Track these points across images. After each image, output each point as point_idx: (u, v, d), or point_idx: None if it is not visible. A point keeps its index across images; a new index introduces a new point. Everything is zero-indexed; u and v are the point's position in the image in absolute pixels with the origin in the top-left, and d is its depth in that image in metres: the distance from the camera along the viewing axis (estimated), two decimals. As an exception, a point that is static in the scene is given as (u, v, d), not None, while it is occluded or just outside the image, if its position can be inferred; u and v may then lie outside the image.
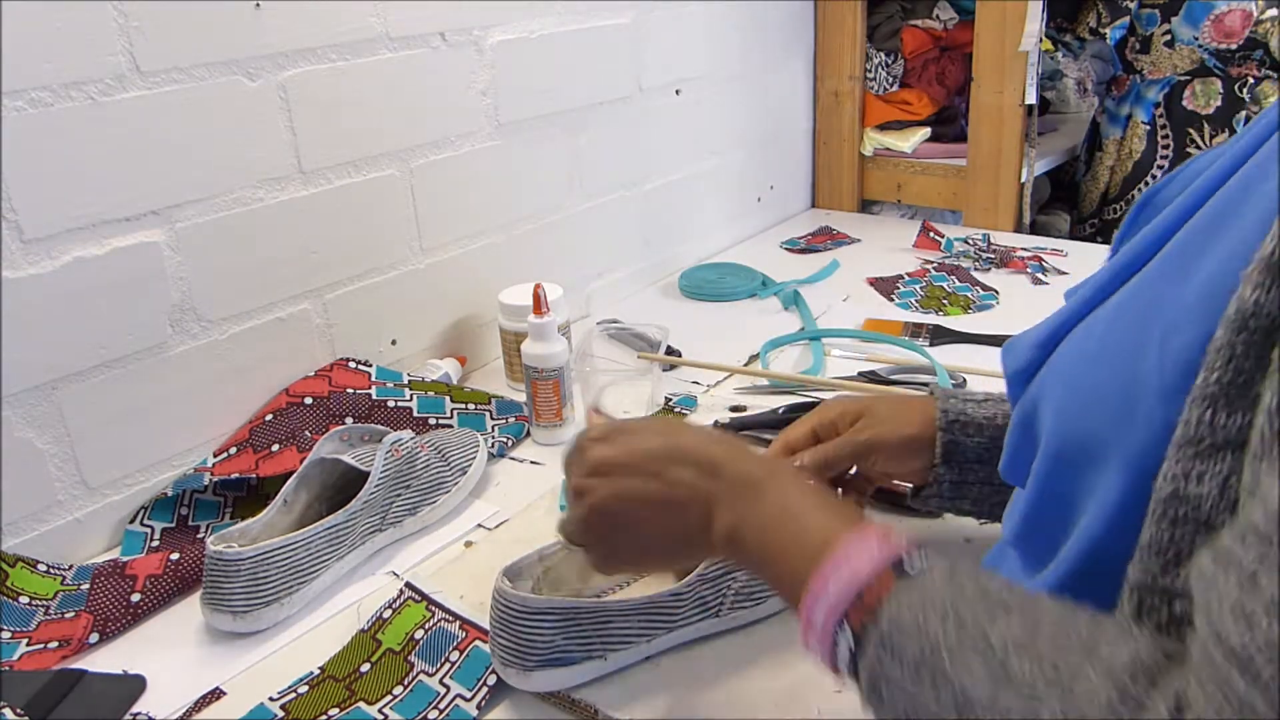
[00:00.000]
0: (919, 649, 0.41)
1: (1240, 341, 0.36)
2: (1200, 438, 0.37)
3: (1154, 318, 0.41)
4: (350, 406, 1.01)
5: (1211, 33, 1.67)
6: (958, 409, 0.74)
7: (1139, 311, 0.43)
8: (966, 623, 0.40)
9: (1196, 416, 0.37)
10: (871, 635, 0.43)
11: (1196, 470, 0.37)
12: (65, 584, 0.82)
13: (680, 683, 0.68)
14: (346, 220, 1.05)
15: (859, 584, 0.44)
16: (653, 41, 1.40)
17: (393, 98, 1.06)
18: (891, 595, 0.43)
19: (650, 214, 1.48)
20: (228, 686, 0.72)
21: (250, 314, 0.98)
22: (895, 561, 0.44)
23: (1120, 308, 0.45)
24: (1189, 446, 0.38)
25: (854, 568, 0.45)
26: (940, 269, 1.47)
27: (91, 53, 0.81)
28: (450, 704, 0.68)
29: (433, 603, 0.75)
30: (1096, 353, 0.45)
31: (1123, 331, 0.43)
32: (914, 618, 0.41)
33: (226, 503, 0.93)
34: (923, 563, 0.44)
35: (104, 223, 0.85)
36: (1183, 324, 0.39)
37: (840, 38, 1.75)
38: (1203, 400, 0.37)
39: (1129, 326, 0.43)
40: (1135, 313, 0.43)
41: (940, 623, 0.40)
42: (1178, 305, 0.40)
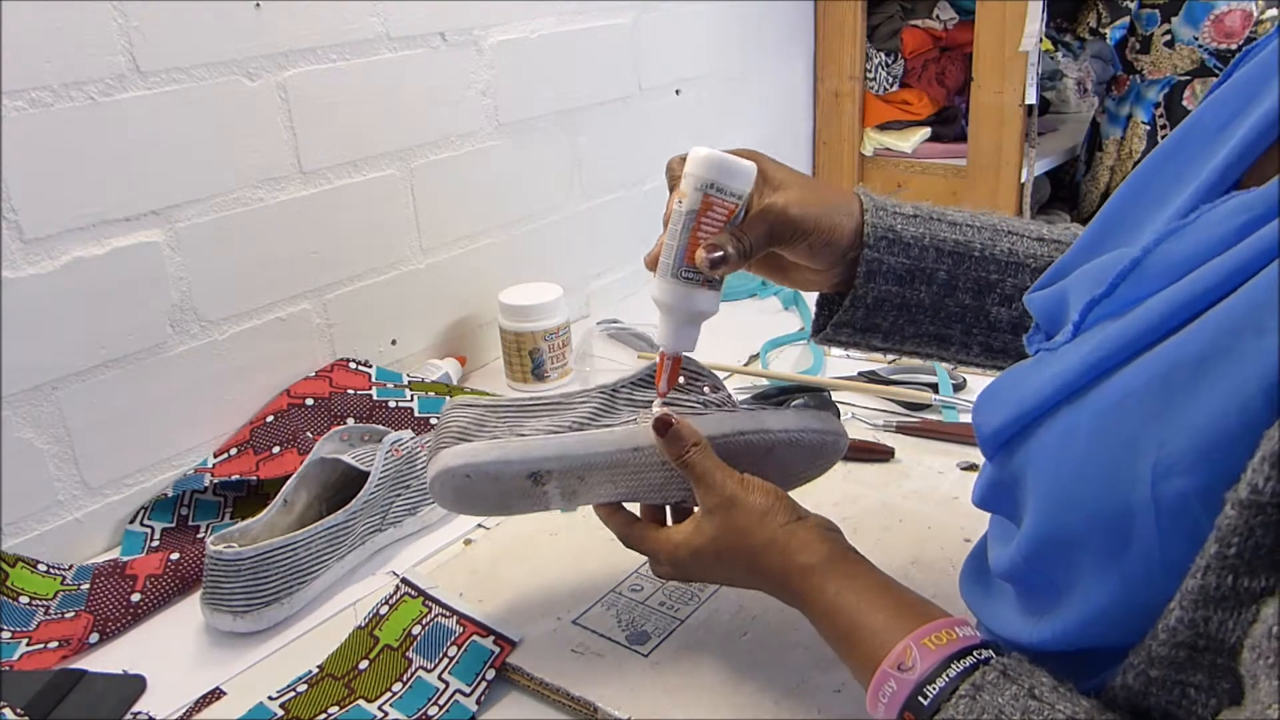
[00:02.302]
0: None
1: (1258, 524, 0.37)
2: (1223, 598, 0.39)
3: (1142, 447, 0.42)
4: (351, 407, 1.01)
5: (1211, 33, 1.67)
6: (886, 224, 0.67)
7: (1125, 433, 0.43)
8: None
9: (1216, 581, 0.39)
10: None
11: (1218, 619, 0.39)
12: (65, 584, 0.82)
13: (680, 682, 0.68)
14: (346, 220, 1.05)
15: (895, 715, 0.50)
16: (653, 41, 1.40)
17: (393, 98, 1.06)
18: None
19: (650, 214, 1.48)
20: (228, 686, 0.72)
21: (250, 314, 0.98)
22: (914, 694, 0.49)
23: (1104, 419, 0.45)
24: (1208, 604, 0.39)
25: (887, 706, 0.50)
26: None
27: (91, 53, 0.82)
28: (450, 699, 0.68)
29: (429, 598, 0.75)
30: (1082, 466, 0.46)
31: (1109, 452, 0.44)
32: None
33: (226, 503, 0.93)
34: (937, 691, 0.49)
35: (104, 223, 0.85)
36: (1177, 469, 0.40)
37: (840, 38, 1.75)
38: (1221, 569, 0.38)
39: (1115, 448, 0.44)
40: (1121, 432, 0.44)
41: None
42: (1169, 444, 0.41)
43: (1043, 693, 0.46)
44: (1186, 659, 0.41)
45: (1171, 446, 0.41)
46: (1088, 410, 0.46)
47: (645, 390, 0.69)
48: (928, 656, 0.50)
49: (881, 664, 0.51)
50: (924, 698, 0.49)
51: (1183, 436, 0.40)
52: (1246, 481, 0.37)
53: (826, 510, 0.65)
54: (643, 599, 0.77)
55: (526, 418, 0.66)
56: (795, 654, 0.69)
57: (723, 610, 0.75)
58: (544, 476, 0.65)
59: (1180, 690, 0.42)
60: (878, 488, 0.90)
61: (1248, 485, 0.37)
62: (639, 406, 0.68)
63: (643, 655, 0.71)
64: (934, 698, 0.48)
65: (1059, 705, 0.45)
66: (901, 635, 0.52)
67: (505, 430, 0.65)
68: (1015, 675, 0.48)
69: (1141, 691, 0.44)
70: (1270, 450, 0.37)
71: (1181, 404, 0.41)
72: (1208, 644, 0.40)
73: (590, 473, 0.66)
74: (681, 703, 0.66)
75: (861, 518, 0.85)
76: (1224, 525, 0.38)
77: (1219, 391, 0.39)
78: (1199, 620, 0.40)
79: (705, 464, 0.64)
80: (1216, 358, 0.40)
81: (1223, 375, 0.40)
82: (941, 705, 0.48)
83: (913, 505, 0.87)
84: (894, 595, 0.57)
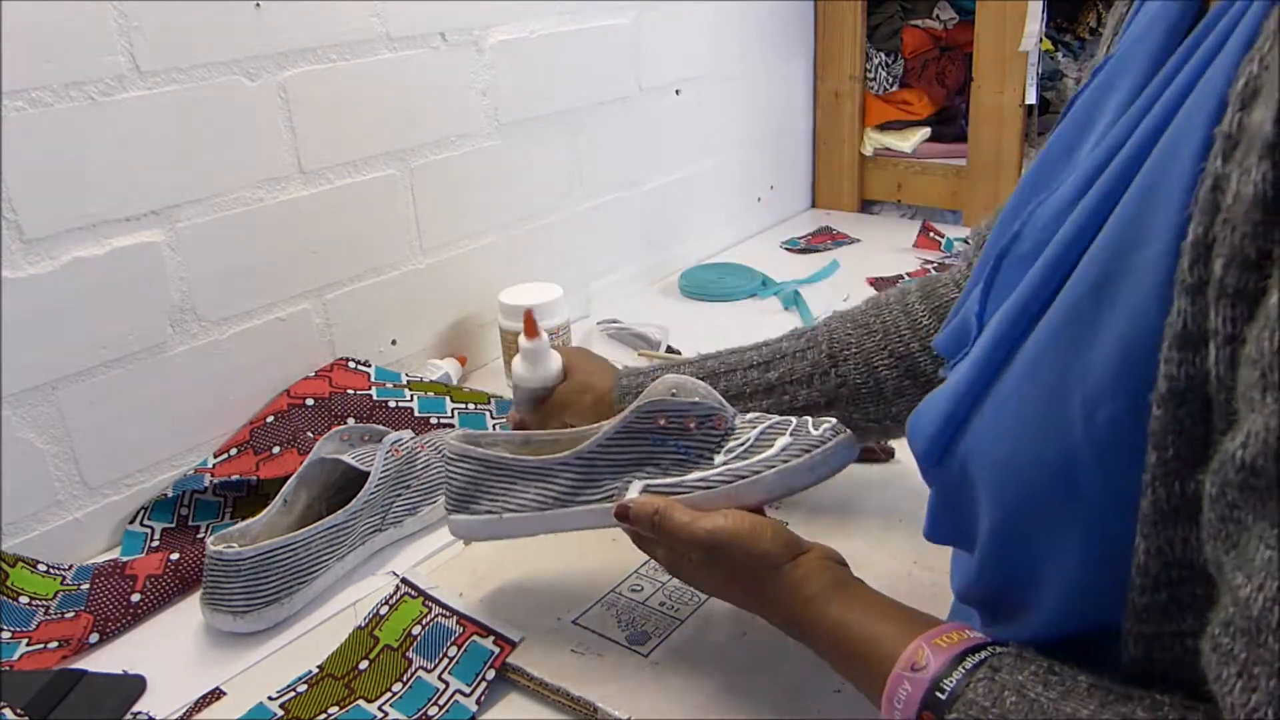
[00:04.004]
0: None
1: (1183, 415, 0.38)
2: (1176, 509, 0.39)
3: (1068, 389, 0.43)
4: (351, 407, 1.01)
5: (1211, 32, 1.67)
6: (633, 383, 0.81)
7: (1048, 383, 0.44)
8: None
9: (1165, 493, 0.39)
10: None
11: (1180, 536, 0.39)
12: (65, 584, 0.82)
13: (680, 682, 0.68)
14: (346, 220, 1.05)
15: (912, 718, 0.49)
16: (653, 41, 1.40)
17: (393, 98, 1.06)
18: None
19: (650, 214, 1.48)
20: (228, 686, 0.72)
21: (250, 314, 0.98)
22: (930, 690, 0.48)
23: (1025, 379, 0.46)
24: (1165, 521, 0.39)
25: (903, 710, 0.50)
26: (940, 269, 1.47)
27: (91, 53, 0.82)
28: (450, 700, 0.68)
29: (429, 598, 0.75)
30: (1017, 430, 0.46)
31: (1037, 405, 0.45)
32: None
33: (226, 503, 0.93)
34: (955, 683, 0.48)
35: (104, 223, 0.85)
36: (1103, 396, 0.41)
37: (840, 38, 1.75)
38: (1165, 477, 0.39)
39: (1042, 399, 0.44)
40: (1044, 384, 0.44)
41: None
42: (1090, 375, 0.42)
43: (1061, 669, 0.46)
44: (1169, 602, 0.41)
45: (1093, 377, 0.41)
46: (1009, 382, 0.47)
47: (623, 447, 0.69)
48: (940, 654, 0.49)
49: (894, 668, 0.50)
50: (941, 693, 0.48)
51: (1099, 364, 0.41)
52: (1162, 375, 0.38)
53: (827, 510, 0.65)
54: (643, 599, 0.77)
55: (516, 481, 0.71)
56: (795, 654, 0.69)
57: (723, 610, 0.75)
58: None
59: (1179, 645, 0.42)
60: (878, 488, 0.90)
61: (1164, 378, 0.38)
62: (618, 469, 0.69)
63: (643, 655, 0.71)
64: (951, 691, 0.47)
65: (1080, 676, 0.45)
66: (911, 640, 0.51)
67: (499, 495, 0.72)
68: (1031, 657, 0.47)
69: (1145, 658, 0.43)
70: (1173, 336, 0.37)
71: (1090, 336, 0.42)
72: (1181, 573, 0.40)
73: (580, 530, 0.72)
74: (681, 703, 0.66)
75: (861, 518, 0.85)
76: (1155, 428, 0.38)
77: (1121, 310, 0.41)
78: (1164, 545, 0.40)
79: (676, 522, 0.64)
80: (1109, 282, 0.42)
81: (1119, 294, 0.41)
82: (961, 692, 0.47)
83: (913, 505, 0.86)
84: (899, 610, 0.56)
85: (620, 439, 0.69)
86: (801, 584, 0.60)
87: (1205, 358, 0.37)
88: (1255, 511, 0.33)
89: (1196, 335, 0.37)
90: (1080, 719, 0.42)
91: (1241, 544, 0.34)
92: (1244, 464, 0.33)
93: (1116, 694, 0.43)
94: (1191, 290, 0.37)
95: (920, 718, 0.48)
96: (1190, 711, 0.41)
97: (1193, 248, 0.37)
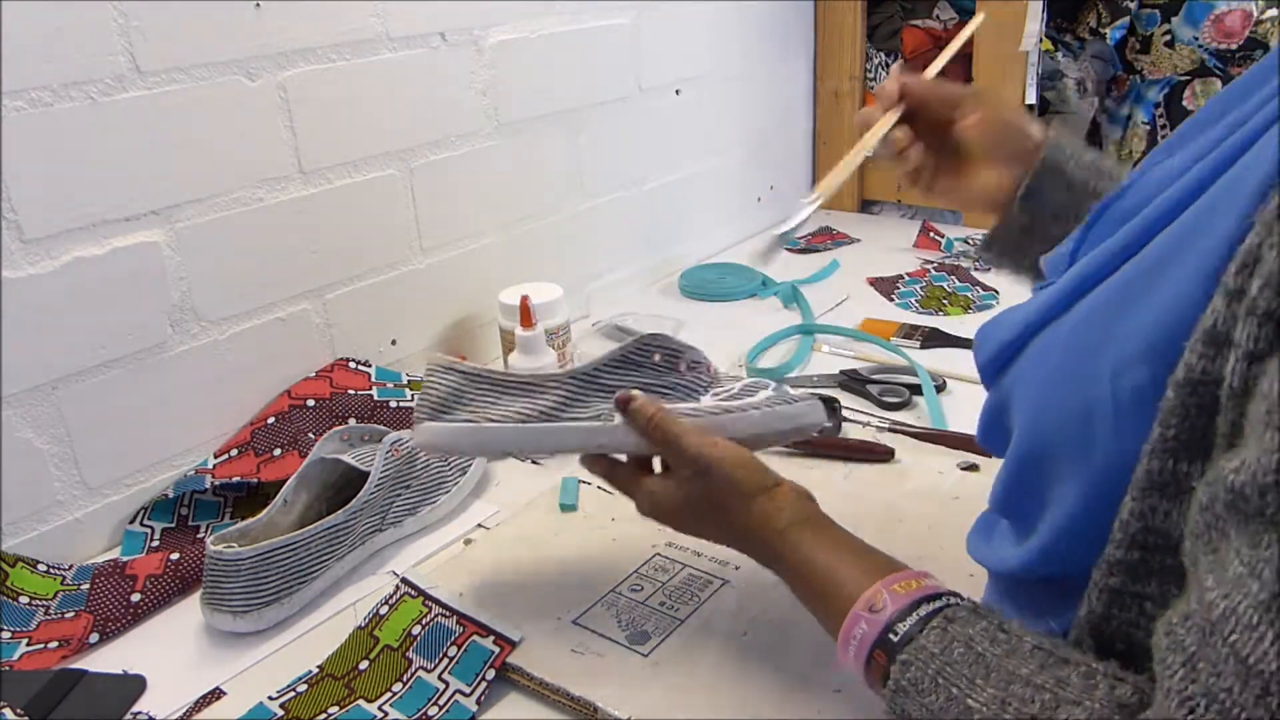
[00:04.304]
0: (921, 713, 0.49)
1: (1192, 404, 0.40)
2: (1165, 483, 0.42)
3: (1103, 350, 0.45)
4: (353, 408, 1.01)
5: (1211, 33, 1.67)
6: (1056, 159, 0.73)
7: (1090, 340, 0.47)
8: (953, 692, 0.47)
9: (1159, 466, 0.41)
10: (885, 696, 0.52)
11: (1163, 509, 0.42)
12: (65, 584, 0.82)
13: (680, 682, 0.68)
14: (346, 220, 1.05)
15: (862, 661, 0.53)
16: (653, 41, 1.40)
17: (393, 98, 1.06)
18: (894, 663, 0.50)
19: (650, 214, 1.48)
20: (228, 686, 0.72)
21: (250, 314, 0.98)
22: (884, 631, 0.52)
23: (1074, 331, 0.49)
24: (1153, 491, 0.42)
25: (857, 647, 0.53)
26: (940, 269, 1.47)
27: (91, 53, 0.82)
28: (450, 700, 0.68)
29: (429, 598, 0.75)
30: (1054, 374, 0.49)
31: (1076, 357, 0.47)
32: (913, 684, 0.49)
33: (226, 503, 0.93)
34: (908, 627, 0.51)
35: (104, 223, 0.85)
36: (1131, 364, 0.43)
37: (840, 38, 1.75)
38: (1163, 453, 0.41)
39: (1081, 353, 0.47)
40: (1087, 340, 0.47)
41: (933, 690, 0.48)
42: (1125, 342, 0.44)
43: (1010, 627, 0.49)
44: (1140, 562, 0.43)
45: (1127, 345, 0.44)
46: (1064, 326, 0.50)
47: (615, 374, 0.70)
48: (897, 600, 0.52)
49: (853, 608, 0.54)
50: (894, 635, 0.51)
51: (1136, 335, 0.43)
52: (1183, 362, 0.40)
53: (827, 509, 0.65)
54: (643, 599, 0.77)
55: (502, 395, 0.69)
56: (795, 654, 0.69)
57: (723, 610, 0.75)
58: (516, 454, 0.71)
59: (1138, 605, 0.44)
60: (878, 488, 0.90)
61: (1184, 365, 0.40)
62: (609, 392, 0.69)
63: (643, 655, 0.71)
64: (903, 634, 0.51)
65: (1025, 637, 0.48)
66: (871, 583, 0.54)
67: (480, 408, 0.68)
68: (984, 614, 0.50)
69: (1104, 614, 0.46)
70: (1203, 330, 0.39)
71: (1136, 308, 0.44)
72: (1156, 540, 0.42)
73: (560, 451, 0.71)
74: (681, 703, 0.66)
75: (861, 518, 0.85)
76: (1164, 408, 0.41)
77: (1167, 287, 0.43)
78: (1146, 511, 0.42)
79: (672, 429, 0.66)
80: (1168, 260, 0.44)
81: (1171, 275, 0.43)
82: (914, 636, 0.50)
83: (913, 505, 0.87)
84: (865, 553, 0.60)
85: (615, 366, 0.70)
86: (774, 516, 0.62)
87: (1225, 362, 0.38)
88: (1237, 529, 0.36)
89: (1222, 337, 0.38)
90: (1019, 675, 0.45)
91: (1220, 551, 0.36)
92: (1234, 488, 0.36)
93: (1056, 658, 0.46)
94: (1230, 294, 0.38)
95: (872, 655, 0.52)
96: (1120, 683, 0.43)
97: (1244, 254, 0.38)
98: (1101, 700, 0.43)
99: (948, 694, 0.47)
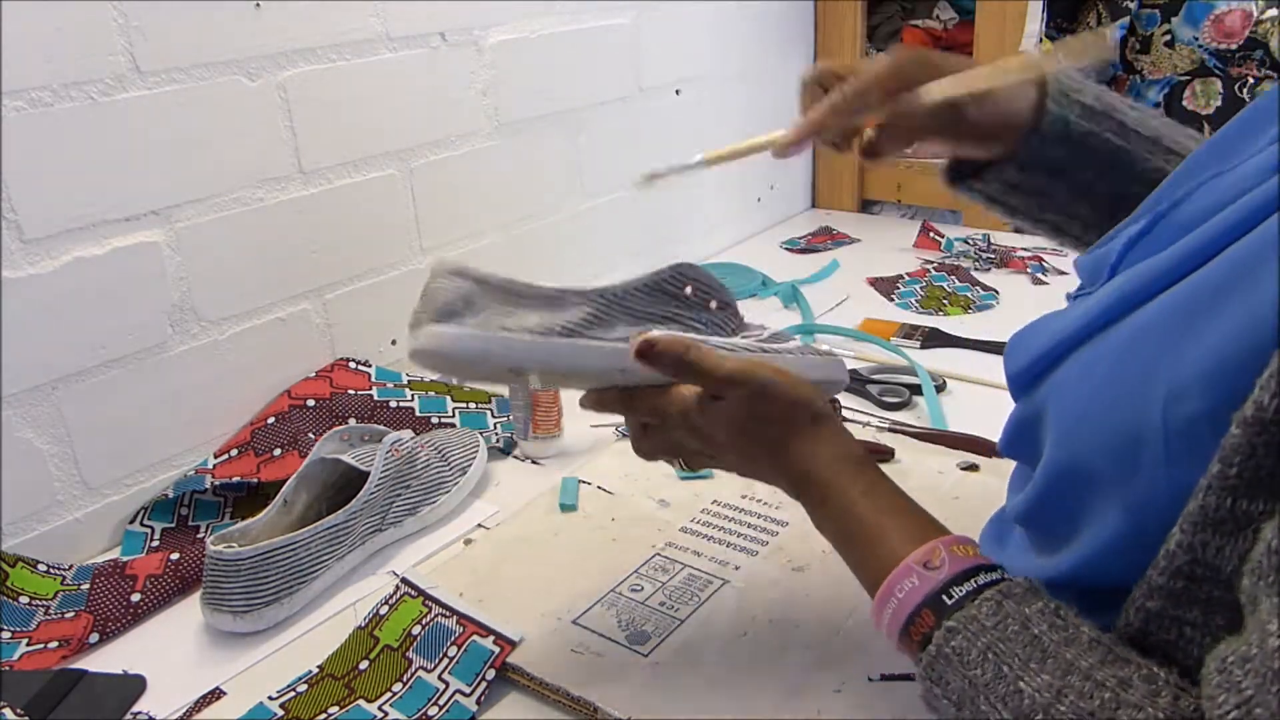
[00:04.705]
0: (961, 684, 0.46)
1: (1260, 444, 0.38)
2: (1221, 520, 0.39)
3: (1157, 374, 0.43)
4: (353, 408, 1.01)
5: (1211, 33, 1.67)
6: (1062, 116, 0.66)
7: (1142, 360, 0.44)
8: (1003, 670, 0.45)
9: (1215, 502, 0.39)
10: (922, 660, 0.49)
11: (1215, 544, 0.40)
12: (65, 584, 0.82)
13: (680, 682, 0.68)
14: (346, 220, 1.05)
15: (903, 618, 0.50)
16: (653, 41, 1.40)
17: (393, 98, 1.06)
18: (936, 630, 0.48)
19: (650, 214, 1.48)
20: (228, 686, 0.72)
21: (250, 314, 0.98)
22: (937, 592, 0.48)
23: (1124, 349, 0.46)
24: (1207, 527, 0.40)
25: (901, 602, 0.50)
26: (940, 269, 1.47)
27: (91, 53, 0.82)
28: (450, 700, 0.68)
29: (429, 598, 0.75)
30: (1099, 393, 0.47)
31: (1125, 379, 0.45)
32: (958, 653, 0.46)
33: (226, 503, 0.93)
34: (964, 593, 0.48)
35: (104, 223, 0.85)
36: (1189, 394, 0.41)
37: (840, 38, 1.75)
38: (1222, 490, 0.39)
39: (1132, 375, 0.45)
40: (1139, 361, 0.45)
41: (980, 664, 0.46)
42: (1182, 369, 0.42)
43: (1067, 615, 0.46)
44: (1183, 590, 0.42)
45: (1184, 371, 0.41)
46: (1111, 343, 0.47)
47: (646, 300, 0.64)
48: (957, 562, 0.50)
49: (905, 559, 0.51)
50: (949, 597, 0.48)
51: (1196, 362, 0.41)
52: (1253, 400, 0.38)
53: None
54: (643, 599, 0.77)
55: (517, 307, 0.61)
56: (795, 654, 0.69)
57: (723, 610, 0.75)
58: (525, 372, 0.61)
59: (1177, 628, 0.43)
60: (878, 488, 0.90)
61: (1253, 403, 0.38)
62: (637, 319, 0.63)
63: (643, 655, 0.71)
64: (958, 599, 0.48)
65: (1084, 627, 0.45)
66: (926, 539, 0.51)
67: (494, 316, 0.60)
68: (1041, 594, 0.48)
69: (1141, 629, 0.44)
70: (1276, 368, 0.37)
71: (1197, 332, 0.42)
72: (1204, 572, 0.41)
73: (573, 379, 0.64)
74: (681, 703, 0.66)
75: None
76: (1228, 445, 0.39)
77: (1233, 317, 0.40)
78: (1197, 545, 0.40)
79: (710, 360, 0.58)
80: (1232, 287, 0.41)
81: (1238, 302, 0.40)
82: (966, 604, 0.47)
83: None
84: (920, 510, 0.57)
85: (646, 292, 0.64)
86: (832, 442, 0.58)
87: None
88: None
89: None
90: (1079, 667, 0.43)
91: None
92: None
93: (1117, 655, 0.44)
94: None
95: (918, 614, 0.49)
96: (1184, 694, 0.41)
97: None
98: (1165, 710, 0.41)
99: (997, 671, 0.45)
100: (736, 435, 0.60)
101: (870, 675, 0.66)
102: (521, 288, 0.62)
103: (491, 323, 0.59)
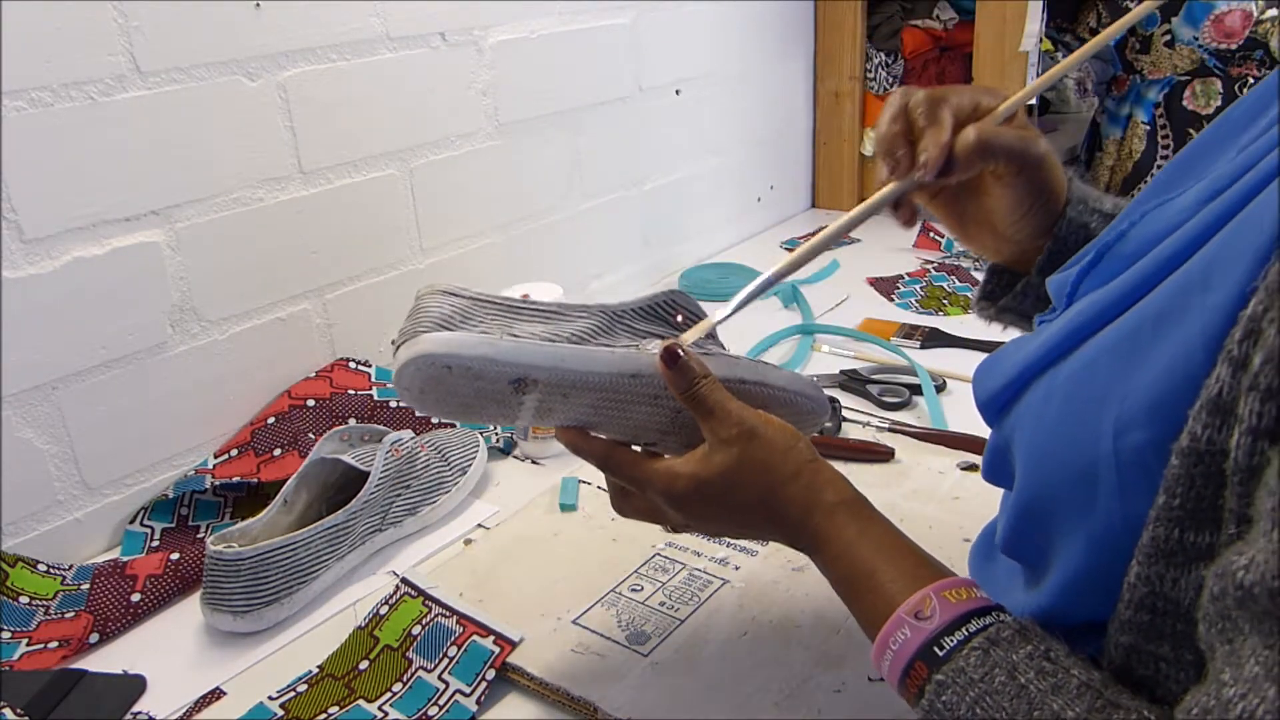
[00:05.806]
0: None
1: (1198, 474, 0.38)
2: (1171, 551, 0.40)
3: (1105, 404, 0.43)
4: (353, 408, 1.01)
5: (1211, 33, 1.67)
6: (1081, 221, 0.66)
7: (1091, 392, 0.45)
8: None
9: (1164, 534, 0.40)
10: (919, 710, 0.49)
11: (1170, 577, 0.41)
12: (65, 584, 0.82)
13: (680, 682, 0.68)
14: (346, 220, 1.05)
15: (899, 671, 0.50)
16: (653, 41, 1.40)
17: (393, 98, 1.06)
18: (929, 681, 0.48)
19: (650, 214, 1.48)
20: (228, 686, 0.72)
21: (250, 314, 0.98)
22: (929, 644, 0.48)
23: (1077, 379, 0.47)
24: (1159, 558, 0.40)
25: (896, 654, 0.50)
26: (940, 269, 1.47)
27: (91, 53, 0.82)
28: (450, 700, 0.68)
29: (429, 598, 0.75)
30: (1055, 425, 0.47)
31: (1077, 410, 0.45)
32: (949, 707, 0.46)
33: (226, 503, 0.93)
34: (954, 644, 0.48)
35: (104, 223, 0.85)
36: (1135, 424, 0.41)
37: (840, 38, 1.75)
38: (1168, 521, 0.40)
39: (1082, 406, 0.45)
40: (1089, 391, 0.45)
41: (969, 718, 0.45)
42: (1129, 400, 0.42)
43: (1058, 656, 0.46)
44: (1149, 624, 0.42)
45: (1131, 401, 0.42)
46: (1065, 372, 0.48)
47: (647, 322, 0.65)
48: (948, 609, 0.49)
49: (898, 609, 0.50)
50: (940, 649, 0.48)
51: (1140, 390, 0.42)
52: (1187, 430, 0.38)
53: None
54: (643, 599, 0.77)
55: (518, 320, 0.60)
56: (795, 654, 0.69)
57: (723, 610, 0.75)
58: (528, 385, 0.58)
59: (1154, 664, 0.43)
60: (878, 488, 0.90)
61: (1188, 434, 0.38)
62: (639, 336, 0.63)
63: (643, 655, 0.71)
64: (950, 649, 0.47)
65: (1074, 670, 0.45)
66: (920, 586, 0.51)
67: (495, 328, 0.59)
68: (1031, 636, 0.47)
69: (1123, 666, 0.44)
70: (1208, 398, 0.38)
71: (1140, 361, 0.42)
72: (1165, 605, 0.41)
73: (578, 392, 0.60)
74: (681, 703, 0.66)
75: (861, 518, 0.85)
76: (1170, 475, 0.39)
77: (1170, 346, 0.41)
78: (1154, 577, 0.41)
79: (717, 396, 0.59)
80: (1171, 315, 0.42)
81: (1174, 331, 0.41)
82: (954, 656, 0.47)
83: (913, 505, 0.87)
84: (914, 550, 0.56)
85: (644, 313, 0.65)
86: (825, 489, 0.58)
87: (1230, 434, 0.37)
88: (1251, 624, 0.35)
89: (1227, 407, 0.37)
90: (1065, 719, 0.43)
91: (1236, 644, 0.36)
92: (1243, 585, 0.35)
93: (1106, 700, 0.43)
94: (1234, 364, 0.37)
95: (913, 665, 0.49)
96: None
97: (1248, 322, 0.37)
98: None
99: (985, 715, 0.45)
100: (723, 491, 0.59)
101: (870, 675, 0.66)
102: (518, 304, 0.61)
103: (496, 330, 0.58)
